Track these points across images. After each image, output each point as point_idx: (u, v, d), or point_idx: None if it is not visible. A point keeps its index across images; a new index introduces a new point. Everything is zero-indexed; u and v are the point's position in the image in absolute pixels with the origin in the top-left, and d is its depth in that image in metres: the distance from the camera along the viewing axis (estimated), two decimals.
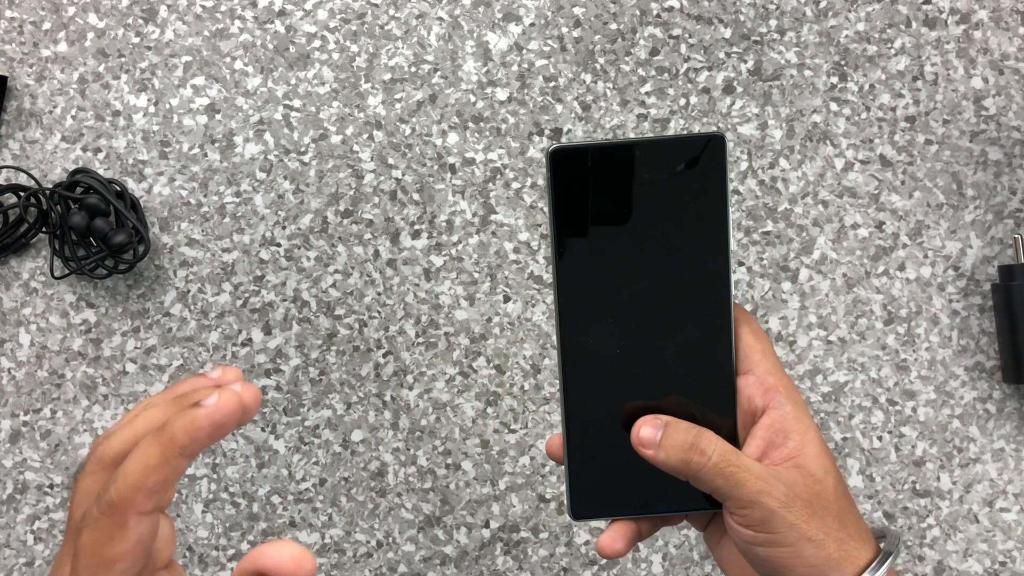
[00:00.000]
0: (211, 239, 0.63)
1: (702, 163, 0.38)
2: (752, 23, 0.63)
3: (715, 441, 0.38)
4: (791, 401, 0.40)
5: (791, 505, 0.37)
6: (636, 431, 0.39)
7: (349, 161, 0.63)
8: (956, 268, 0.62)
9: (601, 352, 0.40)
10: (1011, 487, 0.62)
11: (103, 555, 0.28)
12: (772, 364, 0.40)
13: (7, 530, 0.62)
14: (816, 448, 0.39)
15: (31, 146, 0.63)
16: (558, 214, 0.39)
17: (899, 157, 0.63)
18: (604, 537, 0.41)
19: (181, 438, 0.28)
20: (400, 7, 0.64)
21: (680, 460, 0.38)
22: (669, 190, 0.38)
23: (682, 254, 0.39)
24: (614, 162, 0.38)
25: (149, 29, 0.64)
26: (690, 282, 0.39)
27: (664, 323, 0.39)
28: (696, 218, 0.39)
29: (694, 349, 0.40)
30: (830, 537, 0.38)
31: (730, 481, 0.37)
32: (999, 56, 0.63)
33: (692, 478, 0.38)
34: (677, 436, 0.38)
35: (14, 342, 0.63)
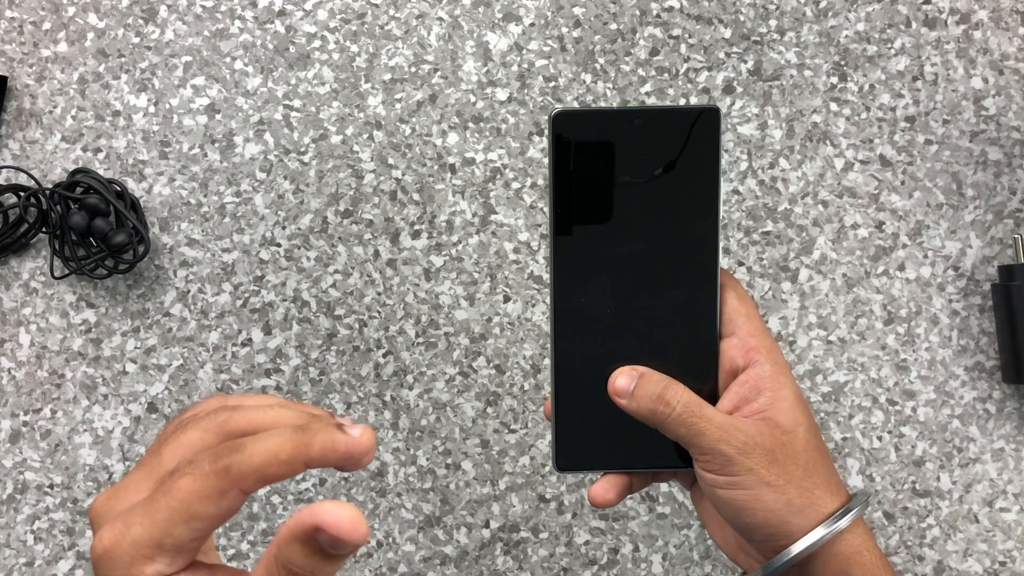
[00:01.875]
0: (211, 239, 0.63)
1: (697, 133, 0.40)
2: (752, 23, 0.63)
3: (681, 392, 0.40)
4: (771, 361, 0.41)
5: (749, 452, 0.39)
6: (612, 380, 0.41)
7: (349, 161, 0.63)
8: (956, 268, 0.62)
9: (591, 310, 0.42)
10: (1011, 487, 0.62)
11: (192, 508, 0.28)
12: (755, 327, 0.42)
13: (7, 530, 0.62)
14: (789, 404, 0.41)
15: (31, 146, 0.63)
16: (557, 176, 0.41)
17: (899, 157, 0.63)
18: (596, 487, 0.43)
19: (316, 449, 0.29)
20: (400, 7, 0.64)
21: (648, 410, 0.40)
22: (664, 158, 0.41)
23: (673, 219, 0.41)
24: (613, 128, 0.40)
25: (149, 29, 0.64)
26: (679, 247, 0.41)
27: (652, 285, 0.42)
28: (688, 185, 0.41)
29: (680, 311, 0.42)
30: (791, 484, 0.39)
31: (691, 431, 0.40)
32: (999, 56, 0.63)
33: (659, 427, 0.41)
34: (648, 387, 0.41)
35: (14, 342, 0.63)
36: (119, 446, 0.63)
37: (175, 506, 0.28)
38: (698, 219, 0.41)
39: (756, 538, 0.40)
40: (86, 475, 0.63)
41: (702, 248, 0.41)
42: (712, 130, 0.40)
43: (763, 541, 0.40)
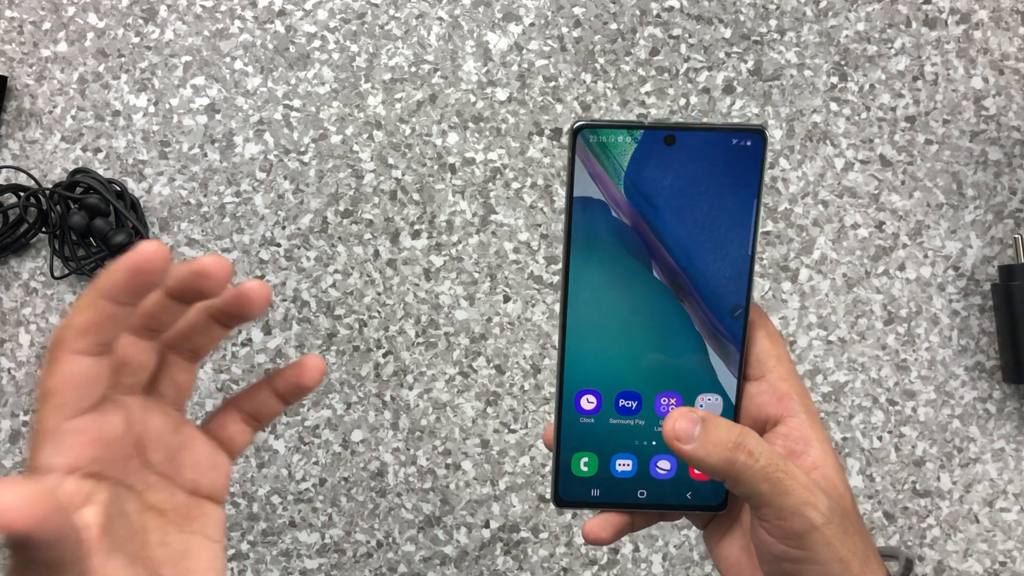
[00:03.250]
0: (211, 239, 0.63)
1: (739, 155, 0.37)
2: (752, 23, 0.63)
3: (761, 442, 0.35)
4: (806, 410, 0.38)
5: (831, 521, 0.35)
6: (670, 424, 0.36)
7: (349, 161, 0.63)
8: (956, 268, 0.62)
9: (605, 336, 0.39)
10: (1011, 487, 0.62)
11: (42, 388, 0.30)
12: (786, 370, 0.39)
13: None
14: (834, 459, 0.38)
15: (31, 146, 0.63)
16: (576, 192, 0.37)
17: (899, 157, 0.63)
18: (592, 523, 0.40)
19: (102, 281, 0.29)
20: (400, 7, 0.64)
21: (724, 459, 0.35)
22: (699, 180, 0.37)
23: (702, 246, 0.37)
24: (641, 144, 0.37)
25: (149, 29, 0.64)
26: (707, 276, 0.38)
27: (674, 315, 0.38)
28: (722, 211, 0.37)
29: (704, 346, 0.38)
30: (856, 557, 0.36)
31: (776, 488, 0.35)
32: (999, 56, 0.63)
33: (733, 480, 0.35)
34: (719, 432, 0.35)
35: (14, 342, 0.63)
36: None
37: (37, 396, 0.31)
38: (730, 250, 0.37)
39: None
40: None
41: (733, 279, 0.38)
42: (755, 153, 0.36)
43: None
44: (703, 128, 0.36)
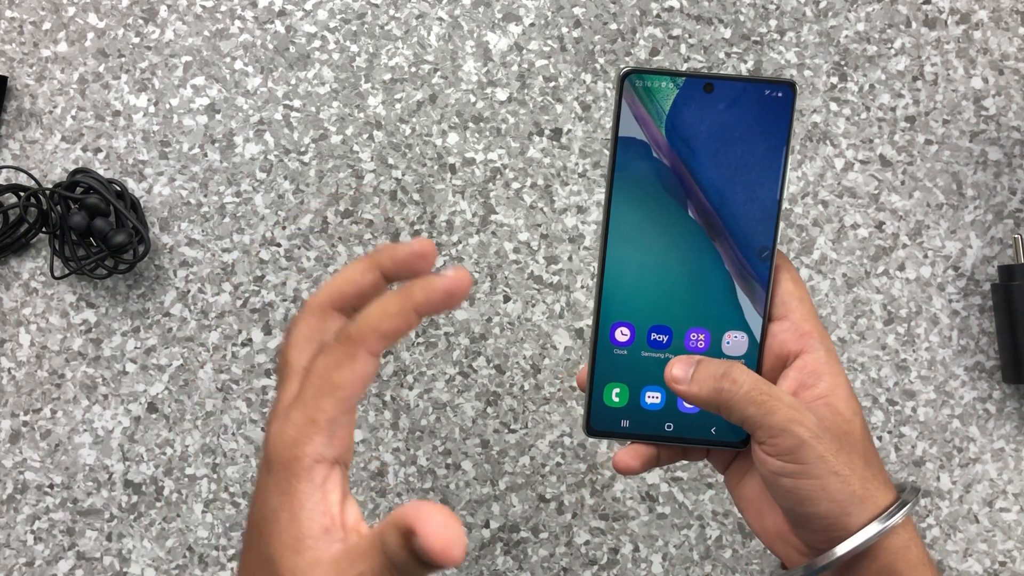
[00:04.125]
0: (211, 239, 0.63)
1: (772, 105, 0.39)
2: (752, 23, 0.63)
3: (747, 371, 0.38)
4: (824, 347, 0.40)
5: (821, 436, 0.37)
6: (669, 369, 0.40)
7: (349, 161, 0.63)
8: (956, 268, 0.62)
9: (640, 273, 0.41)
10: (1011, 487, 0.62)
11: (331, 379, 0.32)
12: (808, 311, 0.41)
13: (7, 530, 0.62)
14: (846, 391, 0.40)
15: (31, 146, 0.64)
16: (620, 134, 0.40)
17: (899, 157, 0.63)
18: (622, 453, 0.42)
19: (419, 295, 0.32)
20: (400, 7, 0.64)
21: (712, 389, 0.38)
22: (733, 127, 0.39)
23: (735, 191, 0.40)
24: (682, 92, 0.39)
25: (149, 29, 0.64)
26: (738, 219, 0.40)
27: (706, 256, 0.41)
28: (754, 158, 0.40)
29: (732, 285, 0.41)
30: (855, 474, 0.38)
31: (762, 409, 0.38)
32: (999, 56, 0.63)
33: (723, 407, 0.39)
34: (709, 368, 0.39)
35: (14, 342, 0.63)
36: (119, 446, 0.63)
37: (317, 383, 0.32)
38: (760, 193, 0.40)
39: (812, 528, 0.39)
40: (86, 475, 0.63)
41: (762, 222, 0.40)
42: (785, 104, 0.39)
43: (818, 532, 0.39)
44: (739, 79, 0.39)
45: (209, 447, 0.63)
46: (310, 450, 0.31)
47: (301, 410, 0.32)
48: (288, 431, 0.32)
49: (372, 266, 0.34)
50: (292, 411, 0.32)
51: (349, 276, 0.35)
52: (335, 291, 0.35)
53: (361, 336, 0.32)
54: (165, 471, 0.63)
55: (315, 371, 0.32)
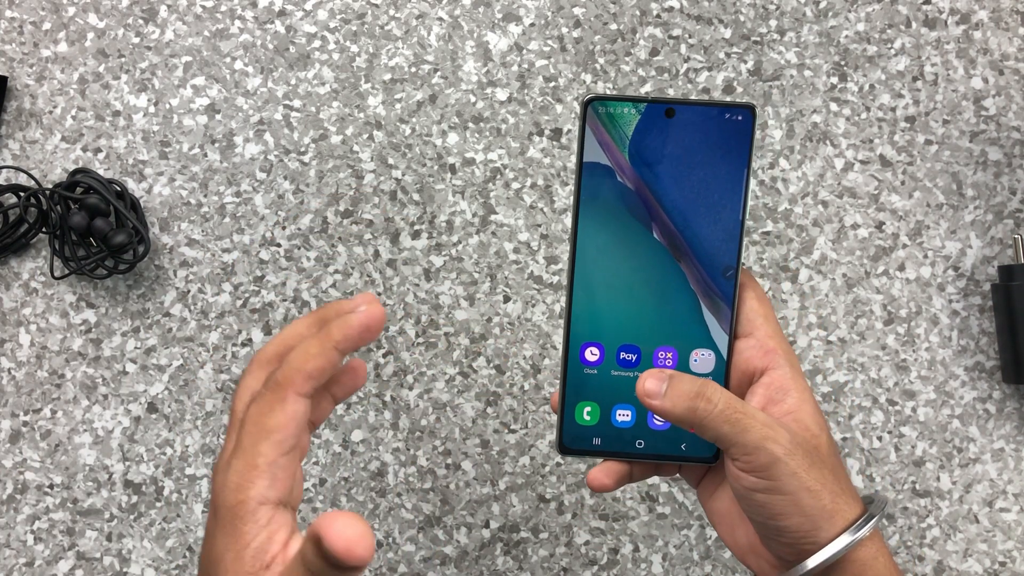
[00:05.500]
0: (211, 239, 0.63)
1: (732, 128, 0.40)
2: (752, 23, 0.63)
3: (719, 389, 0.39)
4: (789, 363, 0.41)
5: (794, 453, 0.38)
6: (641, 383, 0.40)
7: (349, 161, 0.63)
8: (956, 268, 0.62)
9: (608, 295, 0.42)
10: (1011, 487, 0.62)
11: (264, 424, 0.33)
12: (773, 328, 0.42)
13: (7, 530, 0.62)
14: (812, 407, 0.41)
15: (31, 146, 0.63)
16: (584, 161, 0.41)
17: (899, 157, 0.63)
18: (596, 471, 0.43)
19: (336, 334, 0.34)
20: (400, 7, 0.64)
21: (686, 408, 0.39)
22: (693, 151, 0.40)
23: (697, 214, 0.41)
24: (645, 117, 0.40)
25: (149, 29, 0.64)
26: (701, 241, 0.41)
27: (671, 277, 0.41)
28: (715, 181, 0.40)
29: (698, 305, 0.42)
30: (826, 488, 0.39)
31: (736, 427, 0.38)
32: (999, 56, 0.63)
33: (698, 425, 0.39)
34: (683, 385, 0.39)
35: (14, 342, 0.63)
36: (119, 446, 0.63)
37: (253, 430, 0.33)
38: (723, 215, 0.41)
39: (783, 541, 0.40)
40: (86, 475, 0.63)
41: (725, 242, 0.41)
42: (745, 127, 0.40)
43: (789, 545, 0.40)
44: (700, 103, 0.40)
45: (209, 447, 0.63)
46: (254, 493, 0.33)
47: (241, 457, 0.33)
48: (231, 478, 0.33)
49: (318, 323, 0.36)
50: (233, 459, 0.34)
51: (295, 331, 0.36)
52: (281, 345, 0.36)
53: (287, 379, 0.33)
54: (165, 471, 0.63)
55: (249, 419, 0.34)
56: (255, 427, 0.33)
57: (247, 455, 0.33)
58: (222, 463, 0.35)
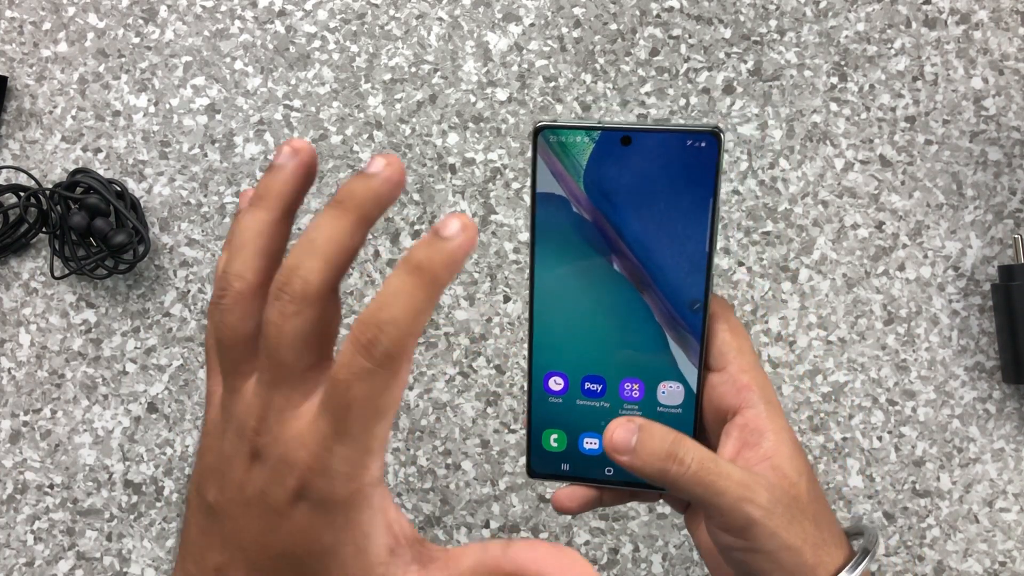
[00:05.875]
0: (211, 239, 0.63)
1: (693, 155, 0.37)
2: (752, 23, 0.63)
3: (692, 448, 0.37)
4: (764, 400, 0.39)
5: (772, 511, 0.37)
6: (608, 435, 0.37)
7: (349, 161, 0.63)
8: (956, 268, 0.62)
9: (571, 328, 0.40)
10: (1011, 487, 0.62)
11: (379, 406, 0.27)
12: (747, 362, 0.39)
13: (7, 530, 0.62)
14: (790, 448, 0.39)
15: (31, 146, 0.63)
16: (539, 190, 0.39)
17: (899, 157, 0.63)
18: (561, 492, 0.42)
19: (443, 275, 0.27)
20: (400, 7, 0.64)
21: (658, 470, 0.37)
22: (655, 178, 0.38)
23: (662, 243, 0.38)
24: (602, 144, 0.38)
25: (149, 29, 0.64)
26: (667, 271, 0.39)
27: (636, 308, 0.40)
28: (680, 208, 0.38)
29: (664, 338, 0.40)
30: (807, 543, 0.37)
31: (710, 490, 0.36)
32: (999, 56, 0.63)
33: (670, 487, 0.37)
34: (653, 443, 0.37)
35: (14, 342, 0.63)
36: (119, 446, 0.63)
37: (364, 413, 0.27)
38: (687, 247, 0.38)
39: None
40: (86, 475, 0.63)
41: (691, 275, 0.39)
42: (709, 154, 0.37)
43: None
44: (657, 130, 0.37)
45: None
46: (368, 479, 0.28)
47: (349, 444, 0.27)
48: (338, 467, 0.28)
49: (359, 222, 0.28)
50: (335, 446, 0.27)
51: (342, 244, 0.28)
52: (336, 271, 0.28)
53: (402, 350, 0.27)
54: (165, 471, 0.63)
55: (356, 402, 0.27)
56: (368, 409, 0.27)
57: (359, 441, 0.27)
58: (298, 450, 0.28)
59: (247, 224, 0.30)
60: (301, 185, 0.30)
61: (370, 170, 0.28)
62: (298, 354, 0.28)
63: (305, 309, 0.28)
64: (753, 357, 0.40)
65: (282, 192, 0.30)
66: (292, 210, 0.31)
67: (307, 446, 0.28)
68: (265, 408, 0.29)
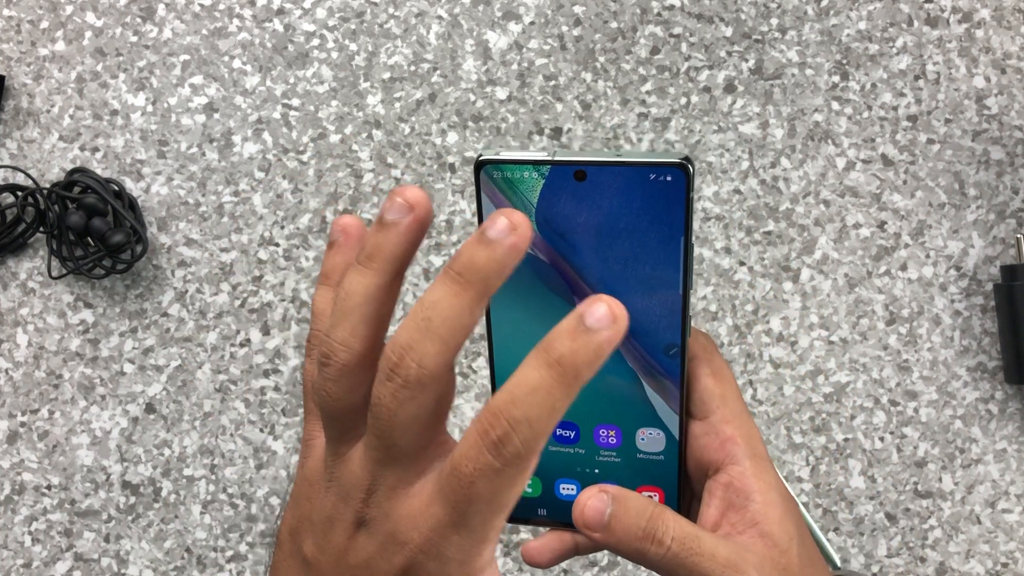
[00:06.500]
0: (209, 239, 0.63)
1: (660, 191, 0.33)
2: (753, 22, 0.63)
3: (672, 523, 0.34)
4: (750, 454, 0.36)
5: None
6: (579, 509, 0.34)
7: (348, 160, 0.63)
8: (958, 268, 0.62)
9: None
10: (1013, 488, 0.61)
11: (502, 502, 0.27)
12: (731, 411, 0.37)
13: (4, 531, 0.62)
14: (779, 510, 0.36)
15: (28, 145, 0.63)
16: None
17: (901, 156, 0.62)
18: (533, 543, 0.39)
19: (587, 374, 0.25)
20: (399, 5, 0.63)
21: (634, 550, 0.34)
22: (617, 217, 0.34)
23: (627, 288, 0.35)
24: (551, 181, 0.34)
25: (147, 28, 0.63)
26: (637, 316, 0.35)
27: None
28: (647, 249, 0.34)
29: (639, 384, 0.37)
30: None
31: (693, 573, 0.34)
32: (1001, 55, 0.62)
33: (648, 567, 0.34)
34: (627, 518, 0.34)
35: (11, 342, 0.63)
36: (117, 447, 0.62)
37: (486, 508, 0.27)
38: (658, 289, 0.34)
39: None
40: (84, 476, 0.62)
41: (664, 318, 0.35)
42: (677, 188, 0.33)
43: None
44: (616, 163, 0.33)
45: (207, 448, 0.62)
46: (480, 564, 0.28)
47: (467, 535, 0.27)
48: (451, 554, 0.27)
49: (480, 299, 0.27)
50: (452, 535, 0.27)
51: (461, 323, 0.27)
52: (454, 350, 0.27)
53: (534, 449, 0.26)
54: (163, 472, 0.62)
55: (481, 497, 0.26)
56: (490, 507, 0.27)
57: (477, 533, 0.27)
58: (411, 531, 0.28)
59: (354, 288, 0.28)
60: (414, 244, 0.29)
61: (491, 235, 0.26)
62: (412, 438, 0.27)
63: (419, 395, 0.27)
64: (739, 404, 0.37)
65: (394, 253, 0.28)
66: (403, 271, 0.29)
67: (420, 529, 0.27)
68: (374, 482, 0.28)
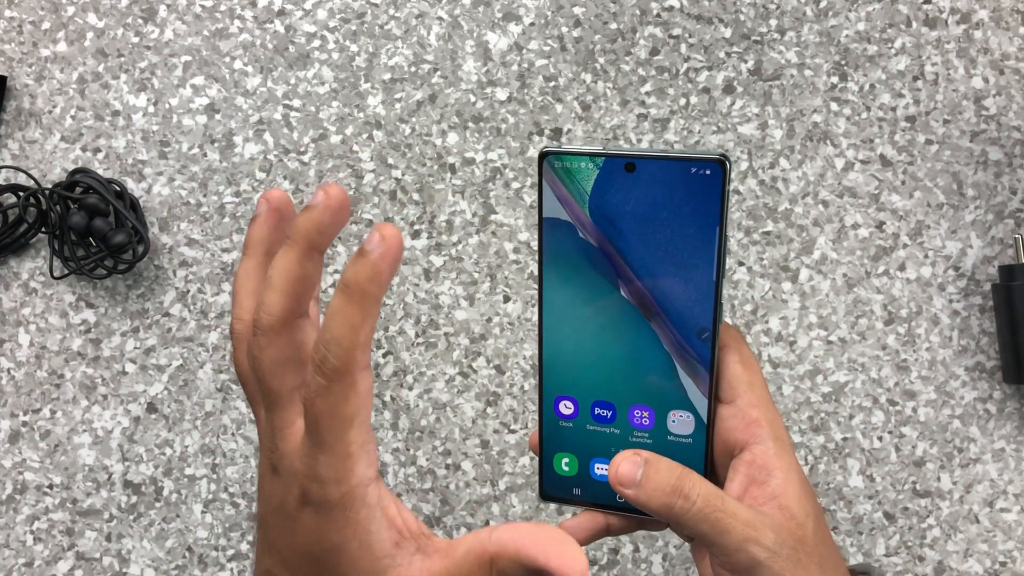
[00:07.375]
0: (211, 239, 0.63)
1: (700, 183, 0.37)
2: (752, 23, 0.63)
3: (699, 483, 0.37)
4: (773, 436, 0.38)
5: (778, 553, 0.36)
6: (614, 468, 0.37)
7: (349, 161, 0.63)
8: (956, 268, 0.62)
9: (579, 356, 0.40)
10: (1011, 487, 0.62)
11: (343, 415, 0.30)
12: (757, 396, 0.39)
13: (6, 530, 0.62)
14: (798, 488, 0.38)
15: (30, 146, 0.63)
16: (545, 216, 0.39)
17: (899, 157, 0.63)
18: (568, 522, 0.41)
19: (373, 290, 0.29)
20: (400, 7, 0.63)
21: (662, 504, 0.37)
22: (660, 207, 0.37)
23: (668, 272, 0.38)
24: (604, 171, 0.38)
25: (148, 29, 0.64)
26: (674, 300, 0.38)
27: (644, 338, 0.39)
28: (686, 237, 0.37)
29: (674, 368, 0.39)
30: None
31: (716, 528, 0.36)
32: (999, 56, 0.63)
33: (674, 523, 0.37)
34: (659, 477, 0.37)
35: (13, 342, 0.63)
36: (118, 446, 0.63)
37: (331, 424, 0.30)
38: (694, 275, 0.38)
39: None
40: (85, 475, 0.63)
41: (698, 303, 0.38)
42: (715, 182, 0.36)
43: None
44: (662, 157, 0.37)
45: (208, 447, 0.63)
46: (356, 480, 0.30)
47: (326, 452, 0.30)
48: (323, 473, 0.30)
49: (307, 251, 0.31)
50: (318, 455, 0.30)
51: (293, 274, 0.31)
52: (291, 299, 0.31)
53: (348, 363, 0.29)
54: (164, 471, 0.63)
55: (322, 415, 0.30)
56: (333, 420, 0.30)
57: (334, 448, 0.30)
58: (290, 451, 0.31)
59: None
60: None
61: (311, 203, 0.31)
62: (280, 380, 0.32)
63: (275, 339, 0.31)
64: (764, 392, 0.39)
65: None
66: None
67: (301, 458, 0.31)
68: (272, 430, 0.32)
